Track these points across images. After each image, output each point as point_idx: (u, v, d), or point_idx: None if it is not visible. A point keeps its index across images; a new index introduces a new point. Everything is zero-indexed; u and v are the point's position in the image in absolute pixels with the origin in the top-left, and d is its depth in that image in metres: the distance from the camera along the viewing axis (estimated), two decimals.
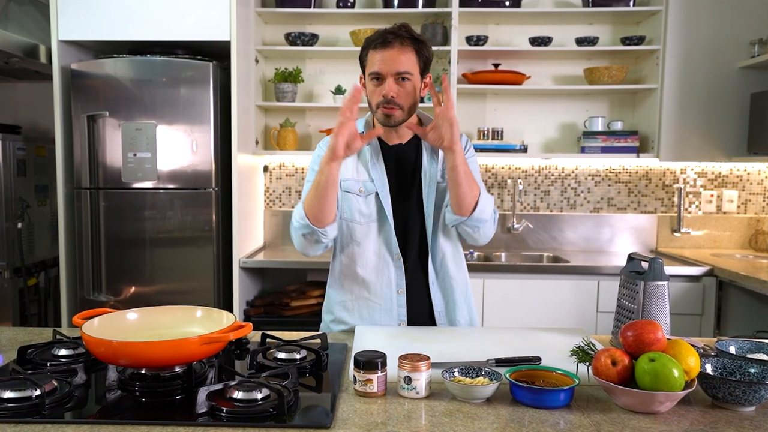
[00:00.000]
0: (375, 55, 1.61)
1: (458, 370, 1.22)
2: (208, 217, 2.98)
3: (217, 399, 1.11)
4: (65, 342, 1.44)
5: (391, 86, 1.60)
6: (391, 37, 1.60)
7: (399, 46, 1.60)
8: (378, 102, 1.63)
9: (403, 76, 1.60)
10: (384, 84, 1.61)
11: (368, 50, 1.64)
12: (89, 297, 2.99)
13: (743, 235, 3.55)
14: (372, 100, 1.66)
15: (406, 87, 1.62)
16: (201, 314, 1.40)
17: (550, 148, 3.57)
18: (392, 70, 1.59)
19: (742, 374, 1.19)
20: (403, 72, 1.60)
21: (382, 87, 1.61)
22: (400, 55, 1.59)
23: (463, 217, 1.65)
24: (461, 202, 1.63)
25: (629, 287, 1.49)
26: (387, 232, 1.72)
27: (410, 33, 1.63)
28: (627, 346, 1.16)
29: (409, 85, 1.62)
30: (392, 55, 1.59)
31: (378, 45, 1.61)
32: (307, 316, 3.06)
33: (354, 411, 1.12)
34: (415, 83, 1.63)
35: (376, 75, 1.62)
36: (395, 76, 1.60)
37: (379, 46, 1.60)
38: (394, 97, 1.61)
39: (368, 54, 1.64)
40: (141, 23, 2.94)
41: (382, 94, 1.61)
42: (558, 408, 1.13)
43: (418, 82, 1.65)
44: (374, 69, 1.61)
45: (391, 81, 1.60)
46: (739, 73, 3.22)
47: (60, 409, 1.11)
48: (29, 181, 3.29)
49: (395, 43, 1.60)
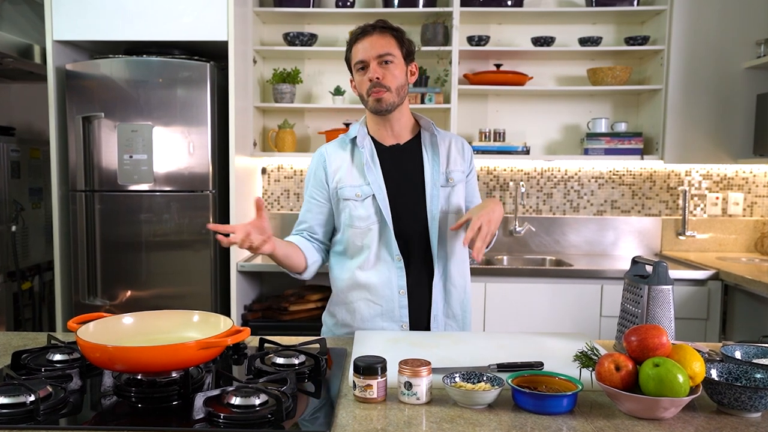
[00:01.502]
0: (357, 46, 1.69)
1: (459, 375, 1.22)
2: (206, 219, 2.96)
3: (215, 405, 1.11)
4: (60, 347, 1.44)
5: (375, 69, 1.66)
6: (369, 28, 1.69)
7: (378, 33, 1.68)
8: (366, 89, 1.68)
9: (385, 59, 1.66)
10: (368, 70, 1.67)
11: (351, 46, 1.72)
12: (84, 301, 2.98)
13: (749, 238, 3.54)
14: (361, 91, 1.71)
15: (391, 69, 1.67)
16: (198, 319, 1.40)
17: (552, 150, 3.56)
18: (374, 54, 1.66)
19: (747, 380, 1.19)
20: (384, 54, 1.66)
21: (368, 72, 1.67)
22: (380, 39, 1.67)
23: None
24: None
25: (633, 291, 1.49)
26: (386, 235, 1.72)
27: (387, 24, 1.70)
28: (631, 351, 1.16)
29: (393, 67, 1.67)
30: (372, 41, 1.67)
31: (358, 36, 1.69)
32: (305, 320, 3.05)
33: (353, 417, 1.12)
34: (399, 66, 1.69)
35: (360, 63, 1.68)
36: (378, 60, 1.66)
37: (360, 36, 1.69)
38: (380, 78, 1.66)
39: (351, 50, 1.72)
40: (137, 23, 2.94)
41: (368, 79, 1.67)
42: (561, 414, 1.13)
43: (402, 65, 1.70)
44: (358, 57, 1.68)
45: (374, 64, 1.66)
46: (744, 74, 3.21)
47: (55, 415, 1.11)
48: (23, 183, 3.29)
49: (374, 31, 1.68)
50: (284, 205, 3.61)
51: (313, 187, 1.79)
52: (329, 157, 1.77)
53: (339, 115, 3.52)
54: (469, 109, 3.52)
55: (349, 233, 1.75)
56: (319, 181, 1.77)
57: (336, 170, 1.75)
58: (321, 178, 1.77)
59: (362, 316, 1.75)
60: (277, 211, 3.61)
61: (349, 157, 1.76)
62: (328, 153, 1.78)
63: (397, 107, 1.71)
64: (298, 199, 3.60)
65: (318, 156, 1.80)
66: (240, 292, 3.07)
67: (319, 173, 1.78)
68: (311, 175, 1.80)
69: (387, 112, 1.70)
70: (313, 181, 1.79)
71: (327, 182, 1.77)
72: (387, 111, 1.70)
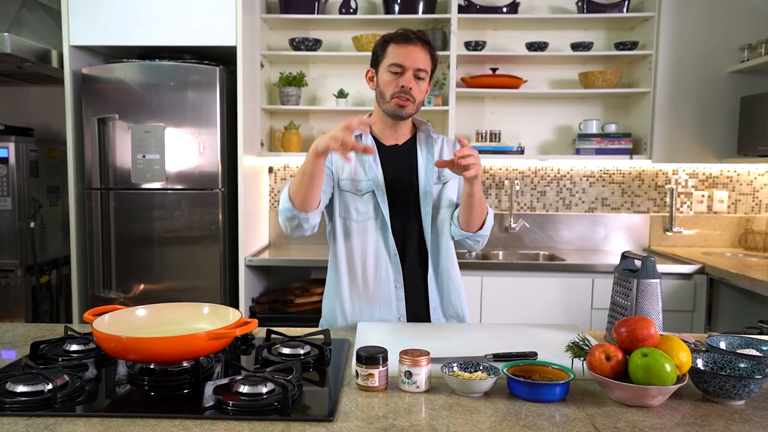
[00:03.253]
0: (398, 49, 1.68)
1: (457, 365, 1.23)
2: (215, 216, 3.02)
3: (224, 393, 1.12)
4: (76, 338, 1.44)
5: (410, 79, 1.67)
6: (413, 36, 1.69)
7: (421, 45, 1.69)
8: (394, 92, 1.69)
9: (420, 75, 1.69)
10: (403, 76, 1.67)
11: (389, 44, 1.70)
12: (100, 294, 3.03)
13: (733, 234, 3.59)
14: (387, 91, 1.70)
15: (421, 85, 1.70)
16: (208, 311, 1.40)
17: (546, 150, 3.61)
18: (414, 65, 1.67)
19: (732, 369, 1.20)
20: (421, 69, 1.68)
21: (401, 78, 1.67)
22: (421, 53, 1.68)
23: (470, 233, 1.77)
24: (470, 222, 1.74)
25: (623, 285, 1.51)
26: (384, 230, 1.75)
27: (429, 39, 1.72)
28: (621, 342, 1.17)
29: (423, 83, 1.71)
30: (415, 51, 1.68)
31: (401, 40, 1.69)
32: (310, 312, 3.09)
33: (356, 404, 1.13)
34: (426, 83, 1.72)
35: (398, 66, 1.67)
36: (415, 71, 1.68)
37: (403, 41, 1.68)
38: (411, 89, 1.68)
39: (389, 47, 1.70)
40: (149, 29, 2.99)
41: (401, 84, 1.67)
42: (554, 402, 1.14)
43: (427, 84, 1.74)
44: (397, 60, 1.67)
45: (410, 74, 1.67)
46: (729, 77, 3.27)
47: (71, 403, 1.12)
48: (41, 181, 3.31)
49: (418, 42, 1.68)
50: None
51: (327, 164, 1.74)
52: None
53: (342, 116, 3.55)
54: (466, 111, 3.57)
55: (348, 227, 1.77)
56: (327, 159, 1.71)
57: (340, 162, 1.76)
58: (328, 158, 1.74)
59: (360, 309, 1.78)
60: None
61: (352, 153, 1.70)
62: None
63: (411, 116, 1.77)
64: None
65: None
66: (248, 285, 3.12)
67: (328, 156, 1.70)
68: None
69: (402, 119, 1.74)
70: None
71: (332, 167, 1.76)
72: (402, 119, 1.74)
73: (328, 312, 1.84)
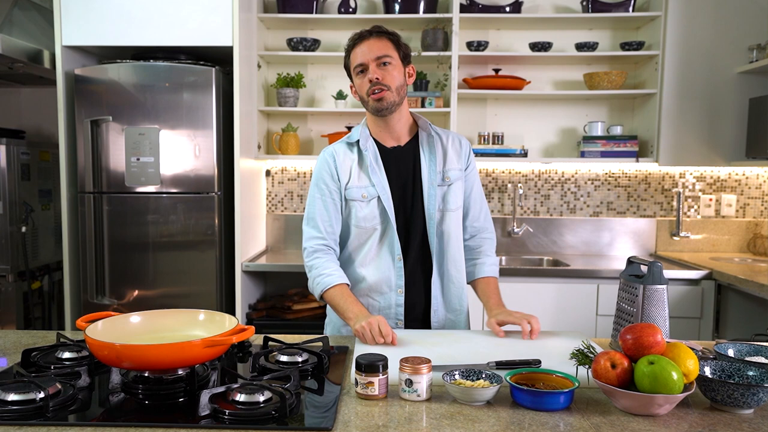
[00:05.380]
0: (355, 51, 1.72)
1: (459, 372, 1.23)
2: (211, 221, 2.99)
3: (220, 401, 1.12)
4: (69, 345, 1.44)
5: (374, 70, 1.69)
6: (366, 33, 1.72)
7: (375, 37, 1.71)
8: (366, 90, 1.70)
9: (384, 61, 1.69)
10: (368, 72, 1.70)
11: (349, 52, 1.74)
12: (93, 300, 3.00)
13: (742, 238, 3.56)
14: (362, 93, 1.73)
15: (389, 70, 1.70)
16: (204, 317, 1.41)
17: (550, 153, 3.59)
18: (372, 56, 1.69)
19: (740, 377, 1.20)
20: (382, 56, 1.69)
21: (367, 74, 1.70)
22: (377, 43, 1.70)
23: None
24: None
25: (629, 291, 1.50)
26: (390, 235, 1.75)
27: (383, 28, 1.74)
28: (626, 349, 1.17)
29: (391, 68, 1.70)
30: (369, 45, 1.70)
31: (356, 41, 1.73)
32: (308, 319, 3.07)
33: (355, 413, 1.13)
34: (397, 67, 1.72)
35: (360, 67, 1.71)
36: (376, 62, 1.69)
37: (357, 41, 1.72)
38: (379, 78, 1.68)
39: (350, 55, 1.74)
40: (144, 29, 2.96)
41: (368, 80, 1.69)
42: (558, 410, 1.14)
43: (400, 66, 1.73)
44: (357, 61, 1.71)
45: (373, 66, 1.69)
46: (737, 78, 3.24)
47: (64, 412, 1.11)
48: (33, 185, 3.29)
49: (371, 36, 1.71)
50: (288, 206, 3.65)
51: (329, 181, 1.77)
52: (338, 157, 1.77)
53: (341, 118, 3.56)
54: (468, 113, 3.54)
55: (353, 232, 1.77)
56: (333, 177, 1.77)
57: (344, 170, 1.76)
58: (334, 174, 1.77)
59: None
60: (281, 212, 3.65)
61: (356, 159, 1.77)
62: (337, 153, 1.78)
63: (397, 108, 1.73)
64: (301, 200, 3.63)
65: (327, 155, 1.79)
66: (245, 291, 3.10)
67: (331, 169, 1.77)
68: (322, 171, 1.78)
69: (388, 111, 1.72)
70: (327, 176, 1.77)
71: (339, 179, 1.77)
72: (388, 110, 1.71)
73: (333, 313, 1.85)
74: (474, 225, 1.87)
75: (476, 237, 1.89)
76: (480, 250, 1.89)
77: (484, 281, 1.85)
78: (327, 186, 1.77)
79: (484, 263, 1.87)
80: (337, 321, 1.83)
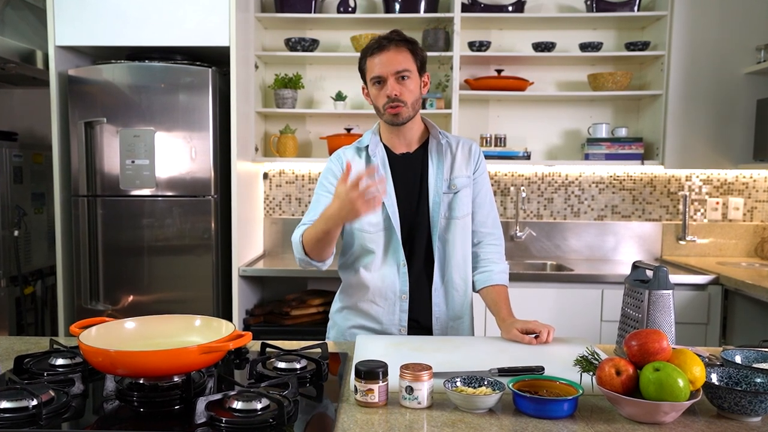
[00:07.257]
0: (373, 60, 1.71)
1: (460, 379, 1.22)
2: (207, 224, 2.96)
3: (216, 409, 1.11)
4: (62, 351, 1.43)
5: (393, 86, 1.68)
6: (385, 42, 1.70)
7: (395, 48, 1.69)
8: (383, 104, 1.71)
9: (402, 75, 1.69)
10: (386, 85, 1.69)
11: (366, 58, 1.73)
12: (87, 306, 2.97)
13: (749, 243, 3.53)
14: (378, 104, 1.74)
15: (407, 84, 1.70)
16: (200, 323, 1.40)
17: (553, 155, 3.56)
18: (392, 70, 1.68)
19: (747, 384, 1.18)
20: (402, 70, 1.68)
21: (385, 88, 1.69)
22: (397, 56, 1.69)
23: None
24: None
25: (634, 296, 1.50)
26: (394, 240, 1.76)
27: (402, 36, 1.72)
28: (631, 356, 1.16)
29: (409, 82, 1.70)
30: (389, 57, 1.68)
31: (375, 50, 1.71)
32: (307, 325, 3.05)
33: (355, 421, 1.12)
34: (414, 80, 1.72)
35: (377, 78, 1.70)
36: (395, 76, 1.69)
37: (376, 51, 1.70)
38: (398, 95, 1.69)
39: (366, 61, 1.73)
40: (139, 29, 2.93)
41: (386, 95, 1.69)
42: (561, 418, 1.13)
43: (417, 79, 1.73)
44: (375, 73, 1.70)
45: (392, 81, 1.69)
46: (744, 79, 3.21)
47: (57, 420, 1.11)
48: (26, 188, 3.28)
49: (390, 45, 1.69)
50: (286, 210, 3.61)
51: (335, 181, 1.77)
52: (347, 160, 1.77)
53: (340, 120, 3.53)
54: (470, 115, 3.51)
55: (358, 238, 1.78)
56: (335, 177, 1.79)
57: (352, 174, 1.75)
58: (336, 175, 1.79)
59: (364, 318, 1.79)
60: (279, 216, 3.61)
61: (364, 164, 1.79)
62: (347, 156, 1.82)
63: (412, 119, 1.76)
64: (299, 204, 3.61)
65: (338, 157, 1.83)
66: (242, 296, 3.07)
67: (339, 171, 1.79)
68: (331, 170, 1.81)
69: (402, 124, 1.75)
70: (333, 177, 1.79)
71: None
72: (402, 124, 1.74)
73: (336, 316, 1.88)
74: (481, 230, 1.86)
75: (483, 243, 1.87)
76: (487, 257, 1.87)
77: (494, 290, 1.82)
78: (333, 185, 1.78)
79: (492, 271, 1.84)
80: (341, 324, 1.84)
